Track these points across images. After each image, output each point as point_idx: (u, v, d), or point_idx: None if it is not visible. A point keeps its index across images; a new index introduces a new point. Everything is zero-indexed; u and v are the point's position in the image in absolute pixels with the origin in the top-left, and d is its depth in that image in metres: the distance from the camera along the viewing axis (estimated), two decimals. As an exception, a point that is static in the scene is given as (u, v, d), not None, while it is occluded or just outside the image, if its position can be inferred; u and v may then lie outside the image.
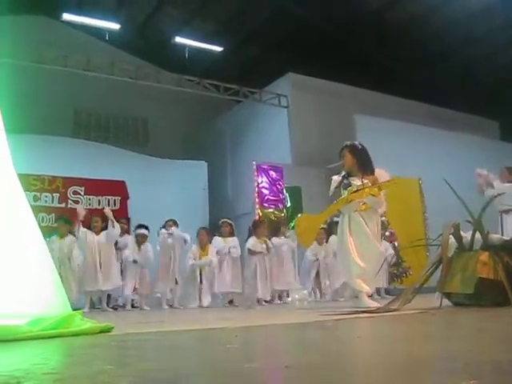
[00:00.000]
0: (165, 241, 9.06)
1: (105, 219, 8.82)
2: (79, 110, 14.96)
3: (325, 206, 6.03)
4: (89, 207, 12.75)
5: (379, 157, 5.83)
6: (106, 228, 8.69)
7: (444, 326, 2.91)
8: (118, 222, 9.58)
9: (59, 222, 9.17)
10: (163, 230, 9.13)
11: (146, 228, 9.24)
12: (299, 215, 6.10)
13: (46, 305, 2.82)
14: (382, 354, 1.68)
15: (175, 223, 9.23)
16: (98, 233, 8.66)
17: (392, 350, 1.79)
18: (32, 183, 11.68)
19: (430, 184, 12.03)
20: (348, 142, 5.52)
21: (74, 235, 8.59)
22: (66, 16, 14.00)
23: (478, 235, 4.09)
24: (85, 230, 8.60)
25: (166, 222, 9.27)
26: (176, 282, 8.97)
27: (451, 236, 4.14)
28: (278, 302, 9.45)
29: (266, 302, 8.97)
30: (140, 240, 9.08)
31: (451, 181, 4.74)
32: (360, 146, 5.41)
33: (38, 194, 12.11)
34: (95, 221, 8.80)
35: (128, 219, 11.40)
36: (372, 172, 5.26)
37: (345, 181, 5.28)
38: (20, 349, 2.26)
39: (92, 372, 1.47)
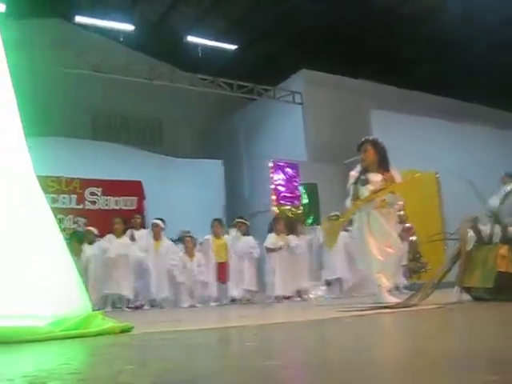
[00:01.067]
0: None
1: (126, 222, 8.87)
2: (95, 111, 15.05)
3: (341, 201, 6.02)
4: (106, 208, 12.89)
5: (395, 151, 5.80)
6: (126, 230, 8.74)
7: (463, 321, 2.89)
8: (132, 218, 9.70)
9: (72, 238, 8.85)
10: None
11: (162, 221, 9.28)
12: (324, 218, 6.21)
13: (69, 305, 2.85)
14: (401, 350, 1.67)
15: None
16: (119, 235, 8.70)
17: (411, 346, 1.78)
18: (50, 185, 11.78)
19: (446, 177, 11.95)
20: (369, 137, 5.52)
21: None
22: (79, 18, 14.06)
23: (496, 228, 4.06)
24: (102, 243, 8.67)
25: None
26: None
27: (470, 230, 4.10)
28: (298, 299, 9.43)
29: (285, 298, 8.97)
30: (155, 231, 9.08)
31: (468, 174, 4.71)
32: (381, 142, 5.40)
33: (56, 195, 12.21)
34: (117, 222, 8.80)
35: (142, 215, 11.48)
36: (388, 169, 5.25)
37: (362, 176, 5.26)
38: (43, 349, 2.29)
39: (113, 372, 1.48)
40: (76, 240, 8.69)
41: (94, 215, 12.17)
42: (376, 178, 5.19)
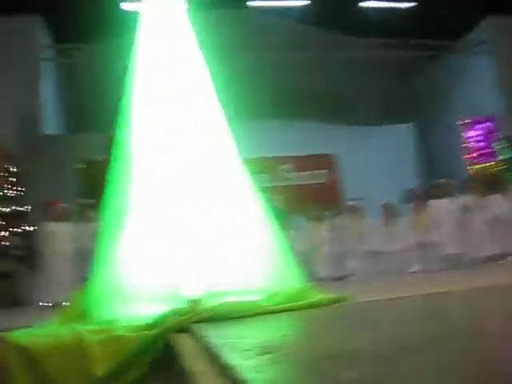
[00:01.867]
0: None
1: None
2: (283, 91, 15.35)
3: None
4: (298, 183, 13.26)
5: None
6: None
7: None
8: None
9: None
10: None
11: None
12: None
13: (276, 279, 3.03)
14: None
15: None
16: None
17: None
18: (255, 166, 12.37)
19: None
20: None
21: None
22: (251, 3, 14.36)
23: None
24: None
25: None
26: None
27: None
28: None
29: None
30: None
31: None
32: None
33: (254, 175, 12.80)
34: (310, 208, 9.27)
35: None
36: None
37: None
38: (262, 323, 2.44)
39: (335, 339, 1.58)
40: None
41: (287, 192, 12.60)
42: None
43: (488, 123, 11.98)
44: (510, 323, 1.67)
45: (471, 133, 11.89)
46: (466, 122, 11.96)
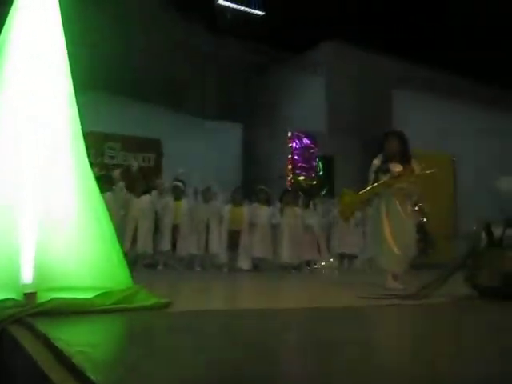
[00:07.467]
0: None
1: (148, 182, 9.16)
2: (120, 67, 15.03)
3: (356, 175, 6.30)
4: (124, 163, 13.11)
5: (414, 131, 6.01)
6: (147, 191, 9.03)
7: (472, 323, 3.13)
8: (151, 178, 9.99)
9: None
10: None
11: (183, 183, 9.54)
12: (344, 188, 6.32)
13: (112, 278, 3.09)
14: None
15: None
16: (138, 195, 9.02)
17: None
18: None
19: (463, 161, 12.10)
20: (396, 130, 5.78)
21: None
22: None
23: (508, 232, 4.28)
24: (122, 186, 8.93)
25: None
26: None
27: (482, 231, 4.33)
28: (307, 267, 9.71)
29: (294, 269, 9.26)
30: (176, 193, 9.38)
31: (488, 160, 4.90)
32: (405, 135, 5.62)
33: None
34: (140, 184, 9.15)
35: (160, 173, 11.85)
36: (409, 161, 5.46)
37: (384, 165, 5.47)
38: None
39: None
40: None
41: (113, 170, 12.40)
42: (397, 168, 5.40)
43: (311, 139, 12.84)
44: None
45: (294, 145, 12.66)
46: (292, 134, 12.70)
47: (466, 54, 13.50)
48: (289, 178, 12.42)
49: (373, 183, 5.49)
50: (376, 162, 5.58)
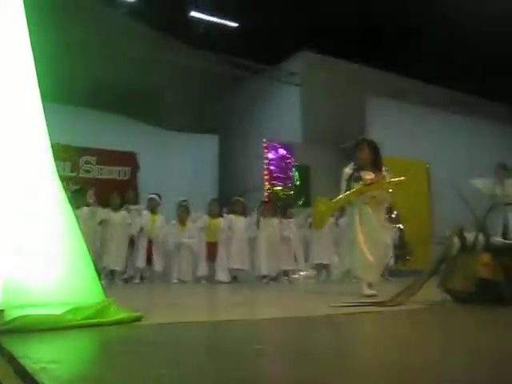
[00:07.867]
0: None
1: (123, 197, 9.11)
2: (94, 81, 14.98)
3: (333, 185, 6.30)
4: (100, 177, 13.03)
5: (388, 139, 6.05)
6: (122, 206, 8.98)
7: (446, 329, 3.13)
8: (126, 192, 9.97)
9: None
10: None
11: (158, 196, 9.51)
12: (319, 197, 6.33)
13: (83, 293, 3.03)
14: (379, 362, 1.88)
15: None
16: (115, 210, 8.97)
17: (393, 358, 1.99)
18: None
19: (438, 168, 12.21)
20: (367, 138, 5.78)
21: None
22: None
23: (480, 237, 4.31)
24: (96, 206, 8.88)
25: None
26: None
27: (455, 236, 4.35)
28: (285, 278, 9.70)
29: (272, 280, 9.23)
30: (152, 205, 9.33)
31: (461, 166, 4.95)
32: (377, 143, 5.64)
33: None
34: (114, 197, 9.08)
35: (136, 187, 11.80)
36: (381, 169, 5.49)
37: (355, 174, 5.49)
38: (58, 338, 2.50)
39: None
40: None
41: (89, 183, 12.30)
42: (369, 176, 5.42)
43: (287, 149, 12.88)
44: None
45: (271, 155, 12.68)
46: (268, 144, 12.72)
47: (438, 62, 13.73)
48: (266, 188, 12.41)
49: (345, 191, 5.50)
50: (348, 170, 5.59)
